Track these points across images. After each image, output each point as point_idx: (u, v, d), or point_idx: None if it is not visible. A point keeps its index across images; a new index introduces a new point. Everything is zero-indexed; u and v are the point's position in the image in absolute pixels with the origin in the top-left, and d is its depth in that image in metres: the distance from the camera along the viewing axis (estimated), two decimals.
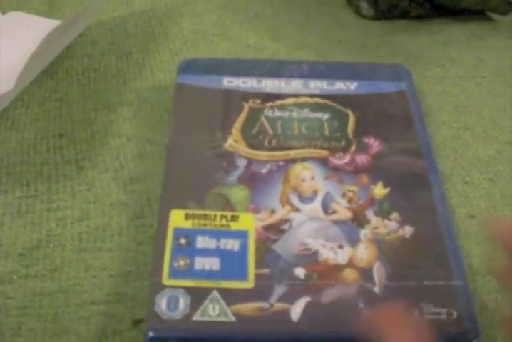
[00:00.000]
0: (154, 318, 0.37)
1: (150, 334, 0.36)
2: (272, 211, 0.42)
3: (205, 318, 0.37)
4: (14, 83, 0.47)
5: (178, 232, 0.40)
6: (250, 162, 0.45)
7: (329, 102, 0.49)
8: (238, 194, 0.43)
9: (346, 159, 0.45)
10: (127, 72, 0.56)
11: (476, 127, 0.51)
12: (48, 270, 0.42)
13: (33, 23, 0.62)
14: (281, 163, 0.45)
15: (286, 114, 0.48)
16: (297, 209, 0.42)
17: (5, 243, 0.44)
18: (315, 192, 0.43)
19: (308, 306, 0.37)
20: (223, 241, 0.40)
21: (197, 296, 0.38)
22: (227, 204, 0.42)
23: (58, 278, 0.42)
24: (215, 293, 0.38)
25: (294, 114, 0.48)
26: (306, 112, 0.48)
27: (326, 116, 0.48)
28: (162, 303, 0.37)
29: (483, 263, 0.43)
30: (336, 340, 0.37)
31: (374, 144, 0.46)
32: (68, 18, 0.50)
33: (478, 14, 0.64)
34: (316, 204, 0.43)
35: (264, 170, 0.44)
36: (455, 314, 0.37)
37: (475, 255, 0.44)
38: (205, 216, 0.41)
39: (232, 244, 0.40)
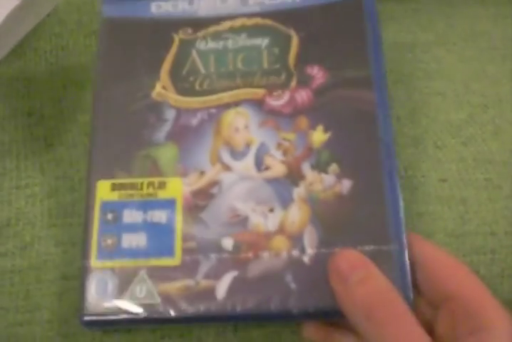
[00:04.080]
0: (85, 302, 0.37)
1: (82, 318, 0.37)
2: (202, 173, 0.40)
3: (133, 301, 0.37)
4: None
5: (106, 207, 0.39)
6: (180, 112, 0.42)
7: (269, 22, 0.44)
8: (166, 154, 0.41)
9: (285, 98, 0.42)
10: (95, 49, 0.56)
11: (448, 92, 0.51)
12: (18, 247, 0.42)
13: None
14: (213, 110, 0.42)
15: (220, 44, 0.44)
16: (228, 168, 0.40)
17: None
18: (248, 145, 0.41)
19: (234, 281, 0.37)
20: (150, 213, 0.39)
21: (125, 278, 0.38)
22: (154, 168, 0.40)
23: (28, 255, 0.42)
24: (142, 273, 0.38)
25: (230, 43, 0.44)
26: (243, 39, 0.44)
27: (265, 42, 0.44)
28: (91, 287, 0.37)
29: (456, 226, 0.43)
30: (260, 317, 0.37)
31: (317, 75, 0.42)
32: None
33: None
34: (249, 160, 0.40)
35: (194, 121, 0.42)
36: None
37: (447, 218, 0.43)
38: (131, 186, 0.40)
39: (159, 216, 0.39)
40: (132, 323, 0.37)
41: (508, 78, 0.53)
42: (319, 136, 0.40)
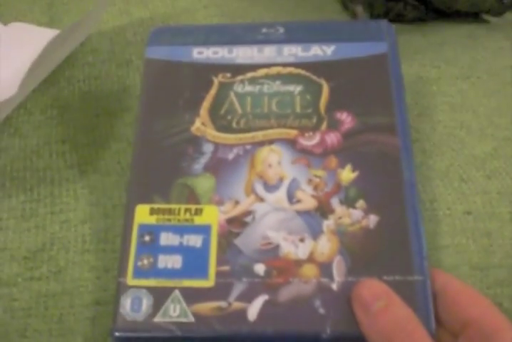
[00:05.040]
0: (119, 319, 0.38)
1: (116, 334, 0.38)
2: (236, 202, 0.42)
3: (167, 319, 0.38)
4: (17, 88, 0.47)
5: (143, 229, 0.41)
6: (217, 147, 0.44)
7: (302, 72, 0.47)
8: (203, 184, 0.42)
9: (316, 139, 0.44)
10: (127, 79, 0.57)
11: (472, 125, 0.52)
12: (52, 272, 0.43)
13: (35, 33, 0.63)
14: (248, 147, 0.44)
15: (256, 88, 0.46)
16: (262, 199, 0.42)
17: (10, 247, 0.44)
18: (281, 179, 0.43)
19: (265, 305, 0.38)
20: (186, 237, 0.41)
21: (159, 296, 0.39)
22: (191, 196, 0.42)
23: (62, 279, 0.43)
24: (177, 292, 0.39)
25: (265, 88, 0.46)
26: (277, 85, 0.46)
27: (298, 89, 0.46)
28: (126, 304, 0.38)
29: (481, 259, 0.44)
30: (289, 340, 0.38)
31: (346, 120, 0.44)
32: (69, 27, 0.51)
33: (472, 16, 0.65)
34: (282, 193, 0.42)
35: (230, 156, 0.43)
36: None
37: (472, 250, 0.44)
38: (169, 211, 0.41)
39: (195, 240, 0.40)
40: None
41: None
42: (347, 174, 0.42)
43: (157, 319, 0.38)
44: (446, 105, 0.54)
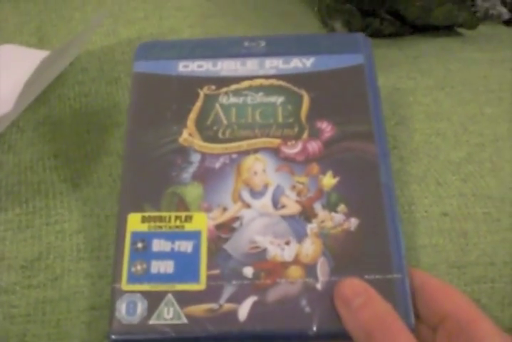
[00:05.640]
0: (115, 323, 0.40)
1: (112, 337, 0.40)
2: (224, 209, 0.44)
3: (161, 321, 0.40)
4: (12, 105, 0.49)
5: (135, 236, 0.43)
6: (204, 156, 0.46)
7: (283, 83, 0.49)
8: (192, 192, 0.44)
9: (298, 147, 0.46)
10: (116, 95, 0.59)
11: (447, 132, 0.54)
12: (49, 279, 0.45)
13: (25, 54, 0.65)
14: (234, 156, 0.46)
15: (240, 100, 0.49)
16: (248, 205, 0.44)
17: (7, 256, 0.46)
18: (266, 186, 0.45)
19: (254, 305, 0.40)
20: (177, 243, 0.42)
21: (153, 300, 0.40)
22: (181, 204, 0.44)
23: (59, 286, 0.45)
24: (170, 296, 0.40)
25: (249, 99, 0.49)
26: (260, 96, 0.49)
27: (280, 100, 0.48)
28: (122, 308, 0.40)
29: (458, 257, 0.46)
30: (278, 338, 0.40)
31: (326, 128, 0.47)
32: (59, 47, 0.53)
33: (446, 30, 0.68)
34: (267, 199, 0.44)
35: (217, 165, 0.45)
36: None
37: (449, 250, 0.46)
38: (160, 219, 0.43)
39: (186, 246, 0.42)
40: None
41: (504, 118, 0.56)
42: (328, 180, 0.45)
43: (152, 322, 0.40)
44: (422, 114, 0.56)
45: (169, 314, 0.40)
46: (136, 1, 0.74)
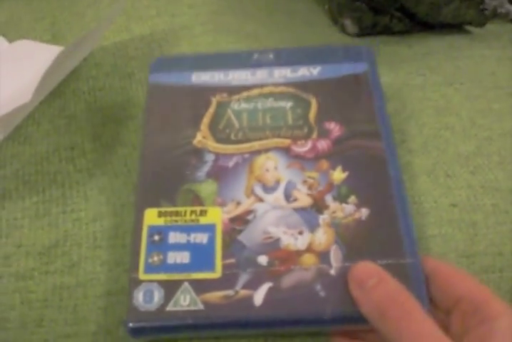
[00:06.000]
0: (132, 311, 0.41)
1: (130, 325, 0.40)
2: (238, 203, 0.45)
3: (178, 308, 0.41)
4: (30, 96, 0.50)
5: (152, 230, 0.44)
6: (218, 156, 0.48)
7: (292, 90, 0.52)
8: (207, 188, 0.46)
9: (308, 146, 0.48)
10: (130, 90, 0.60)
11: (456, 126, 0.55)
12: (66, 266, 0.46)
13: (40, 49, 0.66)
14: (246, 155, 0.48)
15: (251, 105, 0.51)
16: (261, 200, 0.45)
17: (25, 243, 0.47)
18: (278, 182, 0.46)
19: (270, 291, 0.41)
20: (193, 235, 0.44)
21: (170, 288, 0.41)
22: (196, 200, 0.45)
23: (76, 273, 0.46)
24: (186, 284, 0.42)
25: (259, 105, 0.51)
26: (270, 102, 0.51)
27: (289, 104, 0.51)
28: (139, 296, 0.41)
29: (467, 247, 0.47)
30: (295, 323, 0.41)
31: (334, 128, 0.49)
32: (74, 41, 0.54)
33: (455, 27, 0.68)
34: (279, 193, 0.46)
35: (230, 164, 0.47)
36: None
37: (458, 239, 0.47)
38: (176, 213, 0.45)
39: (201, 238, 0.44)
40: (176, 330, 0.41)
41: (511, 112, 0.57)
42: (338, 175, 0.46)
43: (169, 308, 0.41)
44: (431, 109, 0.57)
45: (185, 301, 0.41)
46: None
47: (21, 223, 0.48)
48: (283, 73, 0.53)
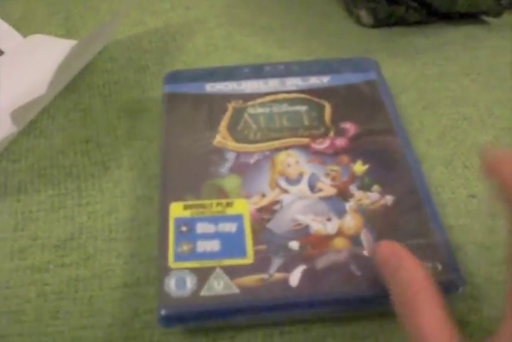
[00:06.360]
0: (164, 297, 0.40)
1: (162, 312, 0.39)
2: (263, 195, 0.45)
3: (212, 293, 0.40)
4: (45, 89, 0.50)
5: (179, 221, 0.44)
6: (239, 154, 0.48)
7: (304, 96, 0.53)
8: (231, 182, 0.46)
9: (326, 143, 0.49)
10: (145, 83, 0.60)
11: (474, 117, 0.55)
12: (82, 259, 0.46)
13: (54, 43, 0.66)
14: (267, 153, 0.48)
15: (267, 110, 0.52)
16: (286, 191, 0.46)
17: (41, 236, 0.47)
18: (301, 175, 0.47)
19: (305, 272, 0.41)
20: (221, 225, 0.44)
21: (202, 275, 0.41)
22: (221, 193, 0.46)
23: (91, 265, 0.46)
24: (218, 270, 0.41)
25: (275, 109, 0.52)
26: (285, 107, 0.52)
27: (304, 108, 0.52)
28: (170, 283, 0.40)
29: (485, 238, 0.46)
30: (333, 302, 0.41)
31: (350, 128, 0.50)
32: (88, 35, 0.54)
33: (471, 18, 0.68)
34: (303, 185, 0.46)
35: (252, 160, 0.48)
36: (439, 267, 0.41)
37: (477, 230, 0.47)
38: (202, 206, 0.45)
39: (230, 227, 0.43)
40: (210, 316, 0.40)
41: None
42: (359, 167, 0.47)
43: (203, 293, 0.40)
44: (449, 99, 0.57)
45: (220, 285, 0.40)
46: None
47: (37, 216, 0.48)
48: (294, 82, 0.54)
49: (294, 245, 0.42)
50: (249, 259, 0.42)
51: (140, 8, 0.71)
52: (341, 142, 0.49)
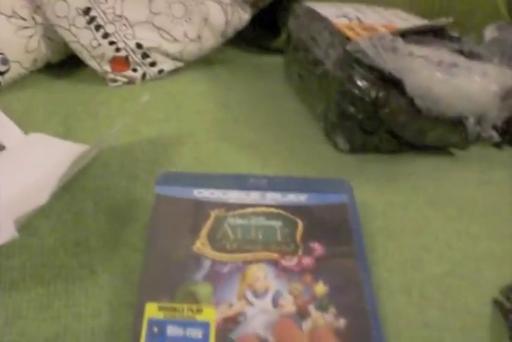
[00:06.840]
0: None
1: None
2: (231, 305, 0.50)
3: None
4: (46, 197, 0.55)
5: (152, 322, 0.48)
6: (214, 263, 0.53)
7: (281, 212, 0.59)
8: (203, 290, 0.51)
9: (294, 261, 0.54)
10: (135, 192, 0.65)
11: (433, 248, 0.60)
12: None
13: (55, 145, 0.71)
14: (240, 264, 0.53)
15: (245, 221, 0.57)
16: (251, 304, 0.50)
17: (28, 333, 0.50)
18: (267, 290, 0.51)
19: None
20: (189, 329, 0.48)
21: None
22: (193, 299, 0.50)
23: None
24: None
25: (252, 221, 0.57)
26: (262, 220, 0.57)
27: (278, 224, 0.57)
28: None
29: None
30: None
31: (317, 248, 0.55)
32: (89, 149, 0.59)
33: (439, 149, 0.74)
34: (267, 300, 0.51)
35: (225, 270, 0.53)
36: None
37: None
38: (174, 309, 0.49)
39: (196, 334, 0.48)
40: None
41: (486, 236, 0.62)
42: (320, 288, 0.52)
43: None
44: (412, 229, 0.62)
45: None
46: (158, 102, 0.81)
47: (26, 313, 0.52)
48: (274, 197, 0.60)
49: None
50: None
51: (137, 116, 0.77)
52: (307, 261, 0.54)
